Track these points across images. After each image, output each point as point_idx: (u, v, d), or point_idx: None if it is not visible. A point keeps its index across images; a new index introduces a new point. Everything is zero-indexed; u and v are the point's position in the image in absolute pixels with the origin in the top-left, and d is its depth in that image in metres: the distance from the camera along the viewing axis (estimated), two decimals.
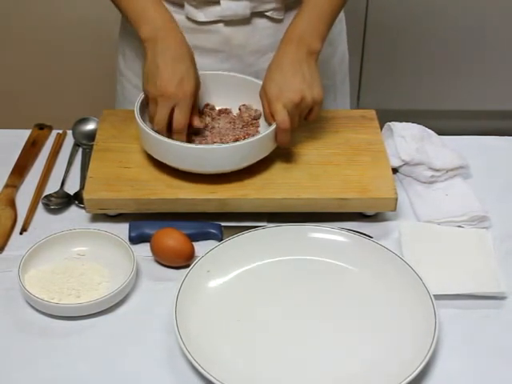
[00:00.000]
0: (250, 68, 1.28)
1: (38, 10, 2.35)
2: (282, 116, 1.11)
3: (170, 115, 1.13)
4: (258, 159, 1.15)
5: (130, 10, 1.19)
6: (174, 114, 1.13)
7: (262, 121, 1.22)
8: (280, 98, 1.12)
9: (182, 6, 1.25)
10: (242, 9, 1.23)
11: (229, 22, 1.25)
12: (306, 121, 1.17)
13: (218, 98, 1.26)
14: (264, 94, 1.15)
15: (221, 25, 1.26)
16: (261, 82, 1.18)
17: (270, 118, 1.14)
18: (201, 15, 1.25)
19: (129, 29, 1.31)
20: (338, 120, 1.28)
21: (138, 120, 1.15)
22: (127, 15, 1.19)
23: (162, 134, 1.13)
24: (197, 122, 1.18)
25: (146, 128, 1.13)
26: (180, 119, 1.13)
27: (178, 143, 1.11)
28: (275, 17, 1.26)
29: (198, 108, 1.21)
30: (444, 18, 2.48)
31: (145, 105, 1.19)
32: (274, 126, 1.12)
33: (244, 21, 1.25)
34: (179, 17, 1.25)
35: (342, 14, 1.39)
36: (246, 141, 1.12)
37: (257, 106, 1.21)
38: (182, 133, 1.14)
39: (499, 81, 2.61)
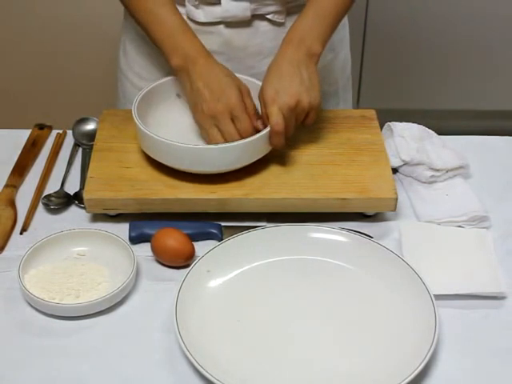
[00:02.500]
0: (249, 70, 1.28)
1: (38, 9, 2.35)
2: (276, 118, 1.11)
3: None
4: (256, 159, 1.15)
5: (157, 38, 1.19)
6: (236, 127, 1.14)
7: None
8: (276, 100, 1.11)
9: (183, 4, 1.25)
10: (243, 10, 1.23)
11: (229, 24, 1.25)
12: (303, 125, 1.17)
13: None
14: (261, 96, 1.15)
15: (221, 26, 1.26)
16: (260, 83, 1.18)
17: (265, 119, 1.14)
18: (201, 16, 1.25)
19: (131, 27, 1.31)
20: (338, 120, 1.28)
21: (135, 120, 1.15)
22: (156, 44, 1.20)
23: None
24: (262, 127, 1.15)
25: (143, 128, 1.13)
26: (243, 126, 1.14)
27: (174, 143, 1.11)
28: (276, 20, 1.26)
29: (256, 110, 1.19)
30: (444, 18, 2.48)
31: (142, 105, 1.19)
32: (269, 128, 1.12)
33: (245, 23, 1.25)
34: None
35: (345, 20, 1.39)
36: (243, 141, 1.12)
37: (257, 106, 1.21)
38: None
39: (499, 81, 2.61)
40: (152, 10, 1.18)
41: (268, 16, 1.26)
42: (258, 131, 1.14)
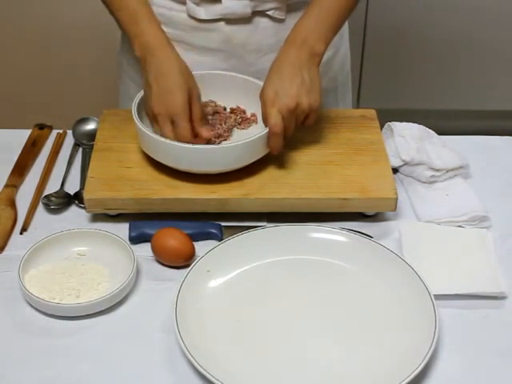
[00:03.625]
0: (250, 67, 1.28)
1: (38, 9, 2.35)
2: (275, 120, 1.10)
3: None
4: (256, 159, 1.15)
5: (124, 27, 1.19)
6: (175, 130, 1.13)
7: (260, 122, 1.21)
8: (275, 102, 1.11)
9: (183, 3, 1.25)
10: (243, 7, 1.23)
11: (230, 21, 1.25)
12: (303, 126, 1.17)
13: (217, 98, 1.26)
14: (261, 97, 1.14)
15: (222, 23, 1.26)
16: (260, 83, 1.18)
17: (265, 120, 1.13)
18: (202, 13, 1.25)
19: None
20: (338, 120, 1.28)
21: (135, 120, 1.15)
22: (123, 31, 1.21)
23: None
24: (206, 134, 1.15)
25: (143, 128, 1.13)
26: (180, 132, 1.12)
27: (173, 143, 1.11)
28: (277, 16, 1.26)
29: (204, 115, 1.19)
30: (444, 18, 2.48)
31: (142, 105, 1.19)
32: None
33: (245, 20, 1.25)
34: (180, 15, 1.26)
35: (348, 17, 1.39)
36: (243, 141, 1.11)
37: (256, 106, 1.21)
38: (190, 141, 1.12)
39: (499, 81, 2.61)
40: None
41: (268, 12, 1.26)
42: (196, 136, 1.14)
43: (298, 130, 1.17)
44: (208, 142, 1.17)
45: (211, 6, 1.24)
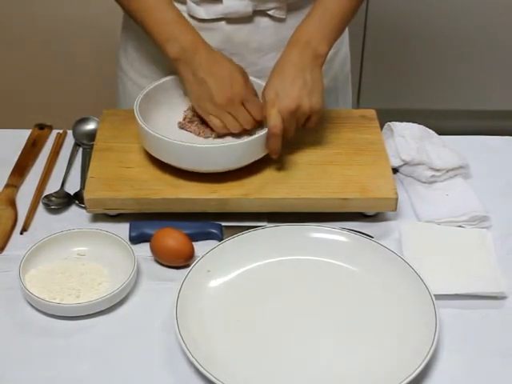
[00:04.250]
0: (251, 67, 1.28)
1: (37, 9, 2.35)
2: (275, 121, 1.11)
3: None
4: (257, 159, 1.15)
5: (154, 31, 1.18)
6: (249, 111, 1.15)
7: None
8: (276, 103, 1.11)
9: (184, 2, 1.25)
10: (244, 7, 1.23)
11: (231, 20, 1.25)
12: (304, 128, 1.17)
13: None
14: (262, 97, 1.15)
15: (223, 23, 1.26)
16: (262, 83, 1.18)
17: (265, 121, 1.14)
18: (202, 13, 1.25)
19: (131, 25, 1.31)
20: (338, 120, 1.28)
21: (138, 118, 1.15)
22: (151, 35, 1.19)
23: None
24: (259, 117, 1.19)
25: (145, 126, 1.13)
26: (254, 110, 1.16)
27: (175, 141, 1.11)
28: (277, 16, 1.26)
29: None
30: (444, 18, 2.48)
31: (144, 104, 1.19)
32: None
33: (246, 19, 1.25)
34: None
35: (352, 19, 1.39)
36: (244, 140, 1.12)
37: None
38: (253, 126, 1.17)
39: (499, 81, 2.61)
40: (146, 1, 1.18)
41: (269, 12, 1.26)
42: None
43: (299, 131, 1.17)
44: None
45: (212, 5, 1.24)
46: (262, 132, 1.12)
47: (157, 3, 1.18)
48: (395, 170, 1.24)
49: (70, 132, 1.34)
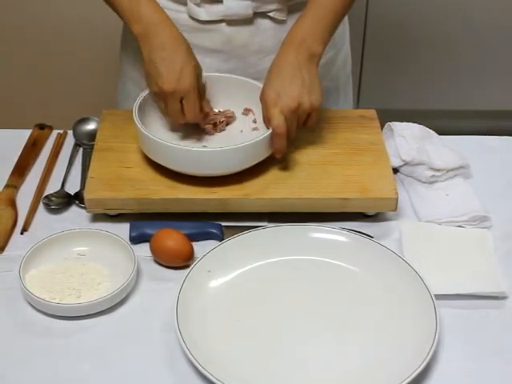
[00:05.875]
0: (251, 68, 1.28)
1: (38, 9, 2.35)
2: (278, 121, 1.11)
3: (181, 108, 1.15)
4: (257, 162, 1.15)
5: (121, 8, 1.18)
6: (184, 107, 1.14)
7: (262, 126, 1.20)
8: (277, 103, 1.11)
9: (184, 4, 1.25)
10: (245, 8, 1.23)
11: (231, 22, 1.25)
12: (304, 126, 1.17)
13: (219, 101, 1.26)
14: (262, 98, 1.14)
15: (223, 24, 1.26)
16: (260, 84, 1.18)
17: (267, 122, 1.13)
18: (203, 14, 1.25)
19: None
20: (338, 120, 1.28)
21: (136, 122, 1.14)
22: (120, 14, 1.19)
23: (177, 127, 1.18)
24: (207, 107, 1.20)
25: (143, 130, 1.13)
26: (191, 111, 1.14)
27: (174, 145, 1.11)
28: (278, 18, 1.26)
29: (204, 92, 1.22)
30: (444, 18, 2.48)
31: (143, 106, 1.19)
32: (271, 130, 1.12)
33: (246, 21, 1.25)
34: (181, 15, 1.25)
35: (345, 17, 1.39)
36: (244, 144, 1.11)
37: (257, 108, 1.20)
38: (200, 122, 1.18)
39: (499, 81, 2.61)
40: None
41: (269, 14, 1.26)
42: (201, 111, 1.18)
43: (299, 130, 1.17)
44: (205, 131, 1.21)
45: (212, 6, 1.24)
46: (262, 136, 1.12)
47: None
48: (395, 170, 1.24)
49: (70, 132, 1.34)
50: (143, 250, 1.09)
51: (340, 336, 0.98)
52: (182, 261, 1.07)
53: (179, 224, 1.10)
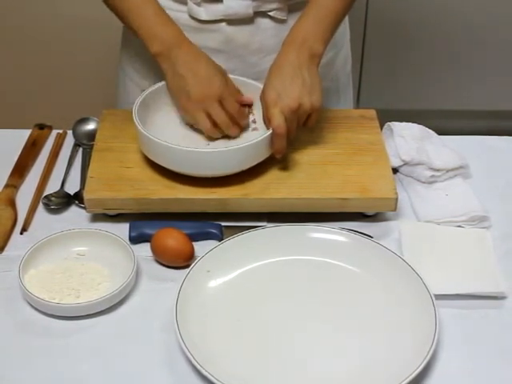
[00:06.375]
0: (252, 68, 1.28)
1: (38, 9, 2.35)
2: (278, 121, 1.11)
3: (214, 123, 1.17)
4: (257, 162, 1.15)
5: (136, 26, 1.19)
6: (224, 108, 1.16)
7: (262, 126, 1.20)
8: (278, 103, 1.11)
9: (184, 3, 1.25)
10: (245, 8, 1.23)
11: (231, 22, 1.25)
12: (305, 127, 1.17)
13: None
14: (263, 98, 1.14)
15: (223, 24, 1.26)
16: (260, 85, 1.18)
17: (267, 122, 1.13)
18: (203, 14, 1.25)
19: None
20: (337, 120, 1.28)
21: (136, 122, 1.14)
22: (135, 32, 1.20)
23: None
24: (246, 98, 1.21)
25: (143, 130, 1.13)
26: (231, 108, 1.16)
27: (174, 146, 1.11)
28: (278, 17, 1.26)
29: (239, 91, 1.23)
30: (444, 18, 2.48)
31: (143, 106, 1.19)
32: (271, 131, 1.12)
33: (247, 20, 1.25)
34: (182, 15, 1.26)
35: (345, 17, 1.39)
36: (243, 145, 1.11)
37: (257, 109, 1.20)
38: (245, 118, 1.20)
39: (499, 81, 2.61)
40: None
41: (270, 13, 1.26)
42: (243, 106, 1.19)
43: (299, 130, 1.17)
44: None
45: (212, 6, 1.24)
46: (262, 137, 1.12)
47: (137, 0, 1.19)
48: (395, 170, 1.24)
49: (69, 132, 1.34)
50: (143, 249, 1.09)
51: (339, 335, 0.98)
52: (182, 260, 1.07)
53: (179, 224, 1.10)
